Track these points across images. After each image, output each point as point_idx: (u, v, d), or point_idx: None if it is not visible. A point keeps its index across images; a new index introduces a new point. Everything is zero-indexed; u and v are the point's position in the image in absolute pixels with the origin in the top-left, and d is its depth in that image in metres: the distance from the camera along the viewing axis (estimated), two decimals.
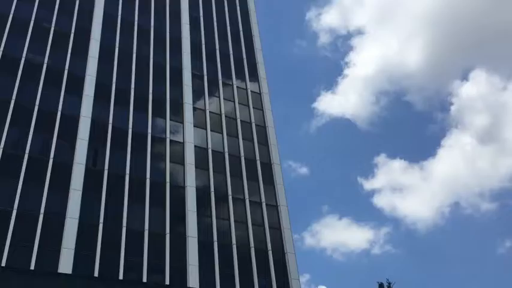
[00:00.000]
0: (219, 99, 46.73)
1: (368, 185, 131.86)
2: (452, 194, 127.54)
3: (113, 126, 39.06)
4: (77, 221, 32.97)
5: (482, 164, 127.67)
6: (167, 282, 33.38)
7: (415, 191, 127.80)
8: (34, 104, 37.12)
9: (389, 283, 42.06)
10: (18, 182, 32.90)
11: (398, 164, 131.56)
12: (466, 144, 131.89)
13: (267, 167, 44.44)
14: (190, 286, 33.39)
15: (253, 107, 47.97)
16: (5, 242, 30.21)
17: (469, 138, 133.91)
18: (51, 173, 34.37)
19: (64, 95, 38.76)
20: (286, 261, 39.26)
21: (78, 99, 39.22)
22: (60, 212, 33.01)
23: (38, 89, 38.03)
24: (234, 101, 47.33)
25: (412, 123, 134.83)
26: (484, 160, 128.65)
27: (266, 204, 41.76)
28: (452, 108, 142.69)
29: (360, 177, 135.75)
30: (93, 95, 39.85)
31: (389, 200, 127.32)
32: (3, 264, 28.74)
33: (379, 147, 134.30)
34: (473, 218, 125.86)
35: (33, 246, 30.80)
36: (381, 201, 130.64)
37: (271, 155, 45.23)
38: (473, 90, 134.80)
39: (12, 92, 36.86)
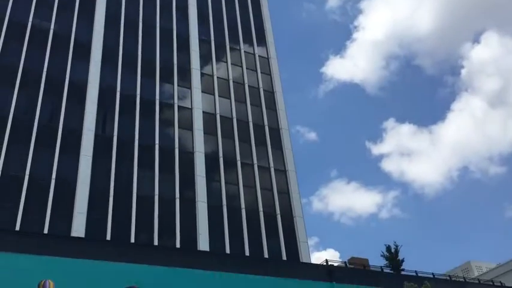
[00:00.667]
0: (227, 64, 46.45)
1: (376, 149, 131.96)
2: (461, 158, 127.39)
3: (121, 93, 39.09)
4: (88, 186, 33.44)
5: (492, 128, 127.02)
6: (178, 245, 34.00)
7: (423, 156, 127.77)
8: (42, 71, 37.14)
9: (397, 246, 42.37)
10: (29, 148, 33.28)
11: (407, 129, 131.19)
12: (476, 108, 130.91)
13: (275, 132, 44.49)
14: (201, 249, 34.00)
15: (261, 72, 47.68)
16: (19, 206, 30.81)
17: (480, 102, 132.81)
18: (61, 139, 34.68)
19: (71, 61, 38.70)
20: (295, 224, 39.73)
21: (85, 65, 39.15)
22: (71, 177, 33.46)
23: (45, 55, 37.97)
24: (241, 66, 47.03)
25: (422, 88, 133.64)
26: (494, 124, 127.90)
27: (274, 169, 42.00)
28: (463, 71, 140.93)
29: (369, 141, 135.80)
30: (100, 61, 39.76)
31: (397, 164, 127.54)
32: (17, 228, 29.38)
33: (388, 111, 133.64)
34: (481, 182, 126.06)
35: (46, 210, 31.39)
36: (389, 165, 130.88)
37: (279, 120, 45.21)
38: (484, 53, 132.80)
39: (20, 58, 36.85)
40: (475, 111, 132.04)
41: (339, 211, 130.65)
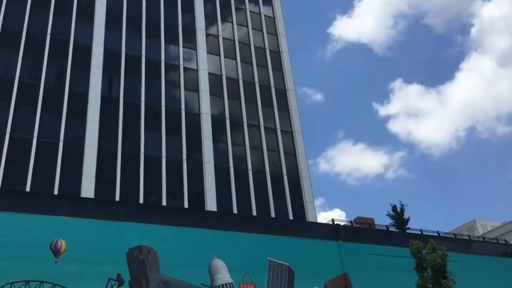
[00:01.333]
0: (232, 24, 45.82)
1: (383, 110, 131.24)
2: (469, 118, 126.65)
3: (126, 54, 38.81)
4: (96, 149, 33.70)
5: (500, 88, 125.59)
6: (186, 205, 34.48)
7: (431, 116, 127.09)
8: (46, 33, 36.82)
9: (402, 205, 42.88)
10: (36, 111, 33.40)
11: (415, 89, 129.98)
12: (485, 67, 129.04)
13: (282, 93, 44.27)
14: (208, 209, 34.48)
15: (267, 32, 47.04)
16: (28, 168, 31.20)
17: (489, 61, 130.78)
18: (67, 102, 34.73)
19: (75, 23, 38.30)
20: (301, 185, 40.06)
21: (89, 27, 38.74)
22: (79, 139, 33.70)
23: (48, 17, 37.56)
24: (247, 26, 46.38)
25: (431, 47, 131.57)
26: (503, 83, 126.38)
27: (281, 131, 42.03)
28: (473, 30, 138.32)
29: (376, 102, 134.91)
30: (104, 23, 39.31)
31: (404, 125, 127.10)
32: (27, 190, 29.85)
33: (395, 72, 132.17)
34: (488, 142, 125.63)
35: (55, 173, 31.78)
36: (396, 126, 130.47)
37: (285, 81, 44.90)
38: (495, 11, 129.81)
39: (23, 21, 36.50)
40: (484, 70, 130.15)
41: (345, 172, 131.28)
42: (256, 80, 43.53)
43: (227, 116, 40.34)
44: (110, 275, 20.31)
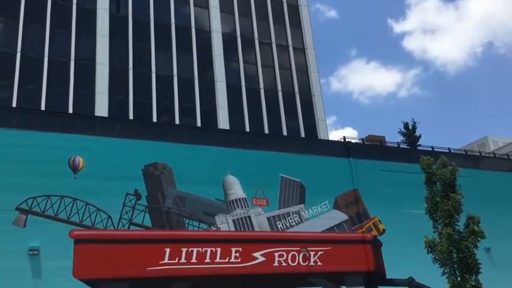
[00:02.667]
0: None
1: (398, 27, 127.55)
2: (487, 34, 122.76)
3: None
4: (107, 67, 33.61)
5: None
6: (198, 124, 34.83)
7: (447, 32, 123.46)
8: None
9: (414, 123, 42.89)
10: (45, 29, 32.97)
11: (432, 4, 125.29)
12: None
13: (294, 9, 43.03)
14: (221, 127, 34.83)
15: None
16: (41, 88, 31.39)
17: None
18: (76, 19, 34.15)
19: None
20: (313, 103, 40.02)
21: None
22: (90, 58, 33.54)
23: None
24: None
25: None
26: None
27: (293, 48, 41.33)
28: None
29: (391, 19, 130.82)
30: None
31: (419, 42, 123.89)
32: (42, 108, 30.22)
33: None
34: (505, 58, 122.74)
35: (68, 91, 31.98)
36: (411, 43, 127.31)
37: None
38: None
39: None
40: None
41: (358, 90, 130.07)
42: None
43: (238, 33, 39.57)
44: (128, 190, 20.98)
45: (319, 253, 23.41)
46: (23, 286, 18.13)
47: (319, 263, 23.21)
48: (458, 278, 19.10)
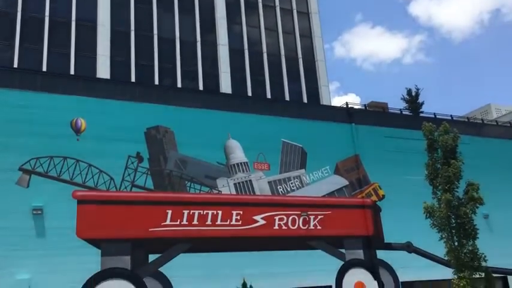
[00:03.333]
0: None
1: None
2: (494, 1, 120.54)
3: None
4: (108, 29, 33.22)
5: None
6: (201, 87, 34.66)
7: None
8: None
9: (418, 89, 42.54)
10: None
11: None
12: None
13: None
14: (223, 91, 34.68)
15: None
16: (43, 48, 31.12)
17: None
18: None
19: None
20: (316, 68, 39.73)
21: None
22: (91, 19, 33.12)
23: None
24: None
25: None
26: None
27: (297, 12, 40.73)
28: None
29: None
30: None
31: (426, 7, 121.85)
32: (44, 69, 30.05)
33: None
34: None
35: (69, 52, 31.73)
36: (417, 9, 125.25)
37: None
38: None
39: None
40: None
41: (362, 57, 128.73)
42: None
43: None
44: (130, 152, 21.07)
45: (319, 217, 23.72)
46: (27, 245, 18.45)
47: (319, 227, 23.57)
48: (456, 243, 19.38)
